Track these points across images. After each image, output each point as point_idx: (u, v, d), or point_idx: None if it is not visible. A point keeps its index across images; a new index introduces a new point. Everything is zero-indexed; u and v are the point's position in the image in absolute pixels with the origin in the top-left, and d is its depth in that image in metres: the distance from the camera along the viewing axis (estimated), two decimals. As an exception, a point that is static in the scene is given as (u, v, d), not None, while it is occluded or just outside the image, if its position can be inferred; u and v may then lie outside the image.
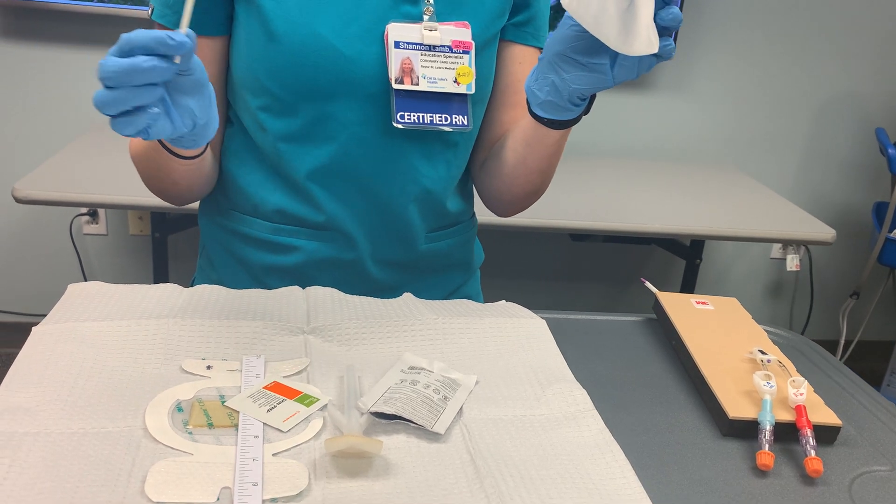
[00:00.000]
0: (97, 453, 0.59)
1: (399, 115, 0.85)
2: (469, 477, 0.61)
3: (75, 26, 2.23)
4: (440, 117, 0.86)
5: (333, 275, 0.95)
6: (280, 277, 0.95)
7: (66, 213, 2.41)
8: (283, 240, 0.94)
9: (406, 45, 0.83)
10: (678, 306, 0.93)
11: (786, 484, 0.67)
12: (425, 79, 0.84)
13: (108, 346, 0.73)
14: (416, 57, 0.84)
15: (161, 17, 0.84)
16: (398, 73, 0.83)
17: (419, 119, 0.85)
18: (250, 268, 0.97)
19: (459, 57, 0.85)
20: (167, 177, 0.87)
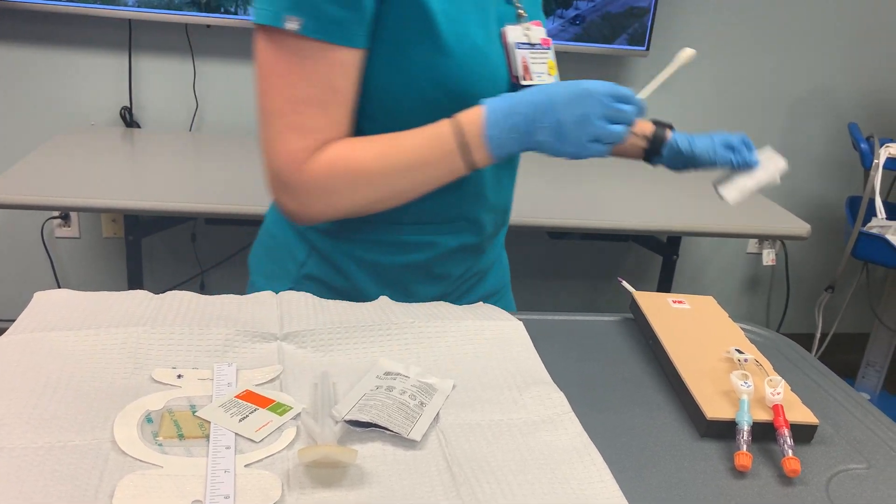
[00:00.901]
0: (63, 468, 0.58)
1: None
2: (445, 484, 0.61)
3: (47, 27, 2.19)
4: None
5: (458, 262, 1.01)
6: (410, 270, 0.98)
7: (37, 216, 2.37)
8: (418, 238, 0.96)
9: (521, 46, 0.92)
10: (655, 306, 0.93)
11: (764, 484, 0.67)
12: (535, 74, 0.92)
13: (76, 357, 0.71)
14: (528, 55, 0.92)
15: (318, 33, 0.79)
16: (522, 70, 0.91)
17: None
18: (379, 267, 0.97)
19: (545, 52, 0.94)
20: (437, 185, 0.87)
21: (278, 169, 0.83)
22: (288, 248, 1.00)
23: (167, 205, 1.73)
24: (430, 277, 1.00)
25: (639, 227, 1.95)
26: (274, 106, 0.81)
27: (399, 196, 0.86)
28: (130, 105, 2.31)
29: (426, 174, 0.84)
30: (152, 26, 2.23)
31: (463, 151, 0.83)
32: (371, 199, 0.85)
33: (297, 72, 0.80)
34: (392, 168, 0.83)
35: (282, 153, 0.82)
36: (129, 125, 2.32)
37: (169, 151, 2.10)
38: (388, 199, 0.86)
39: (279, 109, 0.81)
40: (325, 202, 0.84)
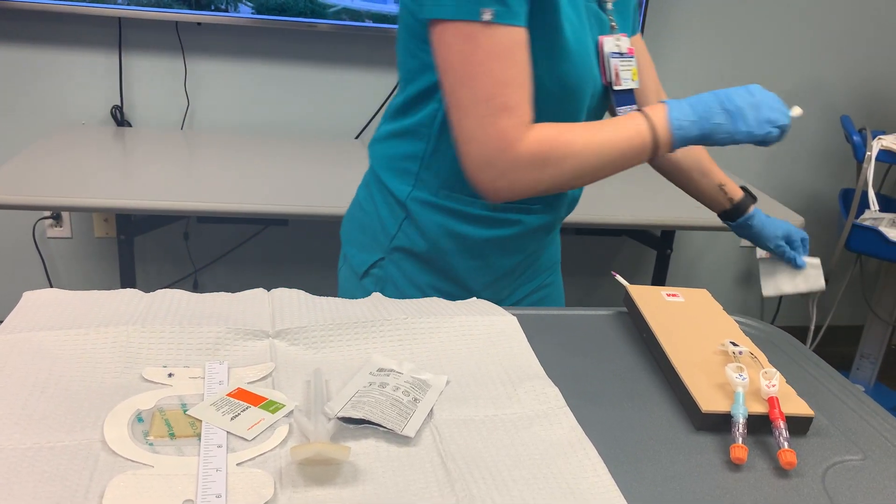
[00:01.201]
0: (53, 469, 0.57)
1: (619, 110, 1.02)
2: (440, 480, 0.60)
3: (36, 26, 2.17)
4: (629, 108, 1.04)
5: (534, 238, 1.10)
6: (496, 245, 1.06)
7: (28, 216, 2.36)
8: (507, 216, 1.04)
9: (614, 55, 1.01)
10: (649, 299, 0.93)
11: (760, 477, 0.66)
12: (623, 80, 1.02)
13: (65, 356, 0.70)
14: (618, 63, 1.01)
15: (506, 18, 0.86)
16: (614, 77, 1.01)
17: (624, 111, 1.02)
18: (468, 240, 1.04)
19: (630, 60, 1.03)
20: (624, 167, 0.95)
21: (489, 151, 0.88)
22: (380, 222, 1.07)
23: (159, 203, 1.72)
24: (507, 251, 1.08)
25: (632, 221, 1.95)
26: (479, 93, 0.86)
27: (593, 175, 0.93)
28: (121, 104, 2.29)
29: (622, 159, 0.92)
30: (142, 24, 2.22)
31: (654, 144, 0.92)
32: (572, 175, 0.91)
33: (497, 57, 0.86)
34: (597, 149, 0.91)
35: (493, 135, 0.87)
36: (120, 124, 2.31)
37: (160, 150, 2.09)
38: (585, 176, 0.93)
39: (486, 95, 0.86)
40: (533, 176, 0.90)
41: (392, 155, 1.05)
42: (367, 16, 2.23)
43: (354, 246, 1.11)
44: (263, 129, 2.40)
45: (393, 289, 1.08)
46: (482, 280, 1.08)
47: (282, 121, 2.40)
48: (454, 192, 1.01)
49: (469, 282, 1.07)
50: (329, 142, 2.35)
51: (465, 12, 0.84)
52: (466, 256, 1.05)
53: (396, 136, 1.04)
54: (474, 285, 1.08)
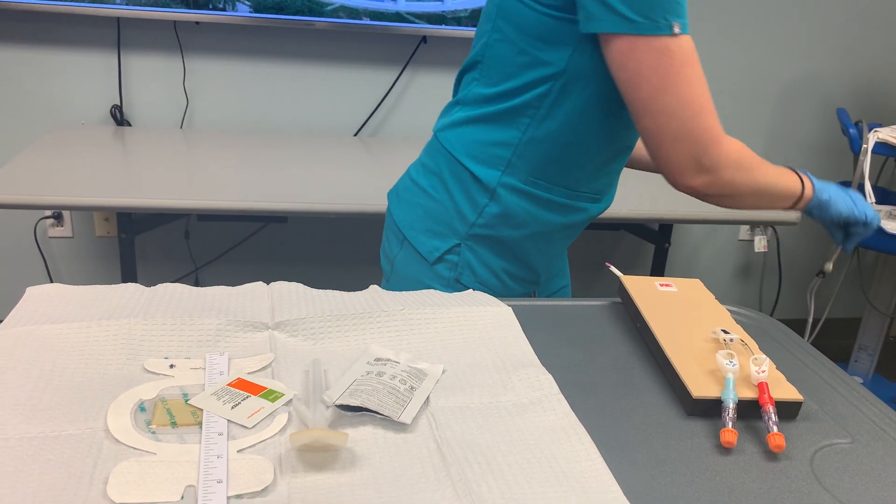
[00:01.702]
0: (57, 457, 0.58)
1: None
2: (436, 465, 0.62)
3: (35, 26, 2.19)
4: None
5: (586, 225, 1.17)
6: (566, 231, 1.14)
7: (30, 216, 2.37)
8: (577, 203, 1.10)
9: None
10: (642, 289, 0.94)
11: (749, 460, 0.68)
12: None
13: (69, 348, 0.72)
14: None
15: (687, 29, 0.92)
16: None
17: None
18: (549, 226, 1.11)
19: None
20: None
21: (698, 147, 0.94)
22: (456, 209, 1.11)
23: (160, 202, 1.73)
24: (565, 238, 1.16)
25: (630, 215, 1.96)
26: (682, 98, 0.92)
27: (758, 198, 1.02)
28: (121, 103, 2.31)
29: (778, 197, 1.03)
30: (141, 24, 2.23)
31: (796, 201, 1.05)
32: (753, 190, 1.00)
33: (689, 64, 0.92)
34: (773, 178, 1.01)
35: (702, 133, 0.94)
36: (119, 123, 2.32)
37: (160, 149, 2.11)
38: (757, 196, 1.01)
39: (688, 98, 0.92)
40: (732, 176, 0.97)
41: (479, 141, 1.07)
42: (365, 13, 2.24)
43: (422, 233, 1.14)
44: (262, 127, 2.42)
45: (469, 274, 1.12)
46: (550, 265, 1.18)
47: (281, 119, 2.42)
48: (540, 180, 1.06)
49: (540, 268, 1.16)
50: (328, 139, 2.36)
51: (658, 28, 0.89)
52: (543, 243, 1.13)
53: (485, 122, 1.06)
54: (543, 271, 1.17)
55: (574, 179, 1.08)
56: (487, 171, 1.08)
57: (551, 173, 1.06)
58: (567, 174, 1.07)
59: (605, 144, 1.06)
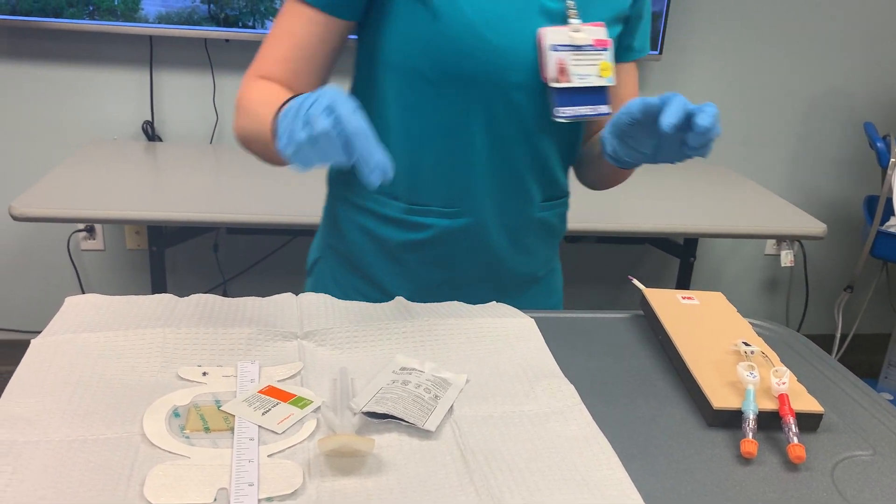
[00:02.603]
0: (97, 459, 0.61)
1: (557, 110, 0.94)
2: (459, 472, 0.63)
3: (70, 45, 2.25)
4: (589, 108, 0.96)
5: (462, 243, 1.03)
6: (414, 250, 1.03)
7: (63, 229, 2.43)
8: (416, 219, 1.01)
9: (559, 48, 0.92)
10: (664, 302, 0.95)
11: (769, 471, 0.68)
12: (576, 76, 0.93)
13: (106, 356, 0.75)
14: (567, 57, 0.93)
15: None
16: (555, 73, 0.93)
17: (575, 112, 0.95)
18: (385, 243, 1.04)
19: (600, 53, 0.94)
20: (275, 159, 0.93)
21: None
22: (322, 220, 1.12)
23: (189, 215, 1.77)
24: (428, 261, 1.04)
25: (655, 229, 1.97)
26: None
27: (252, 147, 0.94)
28: (152, 119, 2.36)
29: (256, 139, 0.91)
30: (172, 42, 2.29)
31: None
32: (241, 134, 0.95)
33: (276, 21, 0.97)
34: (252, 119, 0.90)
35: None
36: (151, 139, 2.38)
37: (190, 164, 2.15)
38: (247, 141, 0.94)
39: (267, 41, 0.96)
40: (235, 120, 0.95)
41: None
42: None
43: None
44: (290, 142, 2.45)
45: (322, 288, 1.10)
46: (405, 287, 1.05)
47: (308, 134, 2.45)
48: (370, 192, 1.02)
49: (391, 287, 1.05)
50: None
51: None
52: (385, 259, 1.04)
53: None
54: (398, 292, 1.03)
55: (401, 189, 0.99)
56: (333, 184, 1.09)
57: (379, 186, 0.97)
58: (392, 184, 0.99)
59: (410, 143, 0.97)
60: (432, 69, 0.93)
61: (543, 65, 0.93)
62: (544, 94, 0.95)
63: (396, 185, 1.00)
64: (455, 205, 1.01)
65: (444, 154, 0.98)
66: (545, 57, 0.92)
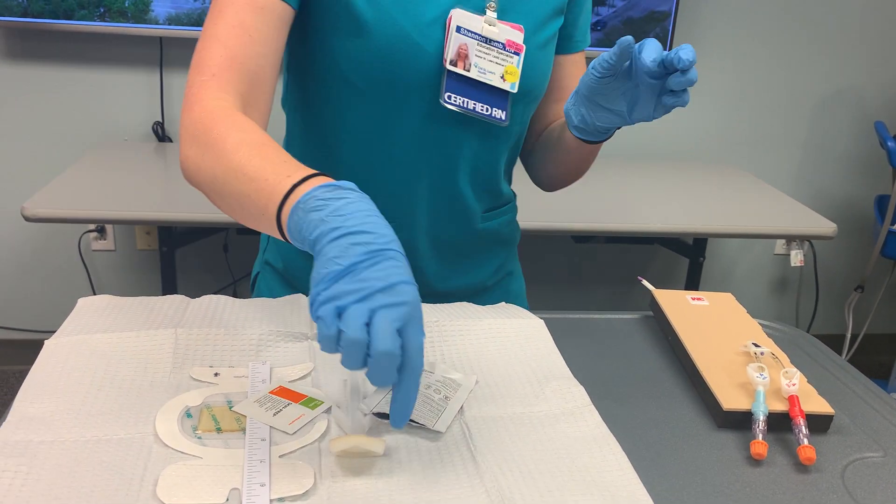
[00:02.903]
0: (110, 459, 0.61)
1: (447, 94, 0.88)
2: (469, 473, 0.63)
3: (79, 45, 2.26)
4: (482, 106, 0.90)
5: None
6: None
7: (74, 229, 2.44)
8: None
9: (466, 32, 0.87)
10: (674, 303, 0.95)
11: (779, 472, 0.68)
12: (476, 67, 0.88)
13: (119, 357, 0.75)
14: (472, 45, 0.88)
15: None
16: (454, 55, 0.87)
17: (463, 103, 0.89)
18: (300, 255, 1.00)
19: (510, 56, 0.89)
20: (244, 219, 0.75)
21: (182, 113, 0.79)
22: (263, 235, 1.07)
23: (200, 216, 1.78)
24: None
25: (664, 229, 1.97)
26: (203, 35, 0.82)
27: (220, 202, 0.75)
28: (162, 120, 2.37)
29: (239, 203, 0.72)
30: (182, 43, 2.30)
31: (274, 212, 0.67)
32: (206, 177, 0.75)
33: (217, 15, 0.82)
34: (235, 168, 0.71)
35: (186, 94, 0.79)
36: (161, 140, 2.39)
37: (200, 164, 2.16)
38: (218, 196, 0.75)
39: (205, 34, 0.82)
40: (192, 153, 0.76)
41: None
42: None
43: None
44: (299, 142, 2.46)
45: None
46: None
47: (317, 134, 2.46)
48: None
49: None
50: (363, 154, 2.40)
51: None
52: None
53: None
54: None
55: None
56: None
57: None
58: None
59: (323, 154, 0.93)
60: (363, 79, 0.87)
61: (445, 46, 0.87)
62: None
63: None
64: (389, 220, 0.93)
65: (375, 166, 0.93)
66: (448, 38, 0.87)
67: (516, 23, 0.91)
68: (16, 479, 0.58)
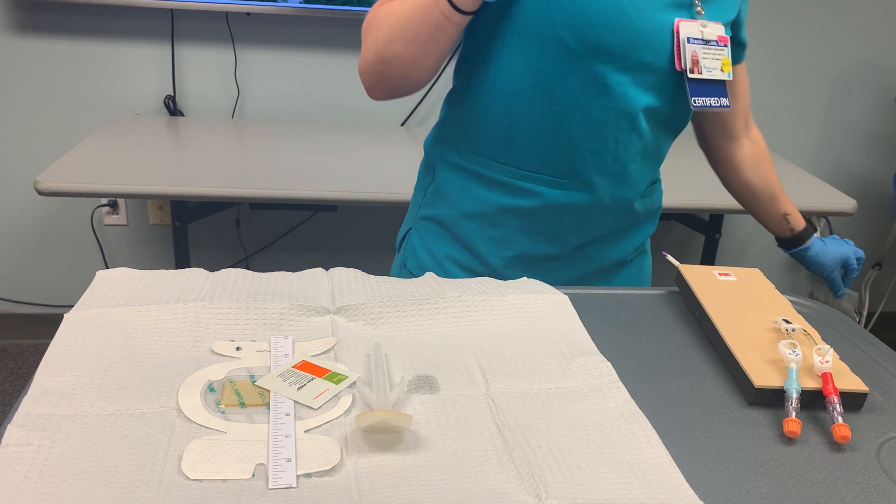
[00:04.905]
0: (133, 434, 0.61)
1: (694, 99, 0.99)
2: (497, 449, 0.62)
3: (92, 19, 2.24)
4: (715, 100, 1.02)
5: (566, 219, 1.05)
6: (515, 216, 1.04)
7: (86, 204, 2.44)
8: (526, 185, 1.02)
9: (693, 41, 0.98)
10: (701, 278, 0.93)
11: (813, 450, 0.67)
12: (706, 69, 1.00)
13: (139, 331, 0.74)
14: (699, 50, 0.99)
15: None
16: (690, 63, 0.98)
17: (705, 102, 1.00)
18: (487, 206, 1.05)
19: (721, 49, 1.01)
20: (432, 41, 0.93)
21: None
22: (415, 192, 1.14)
23: (212, 190, 1.77)
24: (530, 231, 1.05)
25: (680, 205, 1.94)
26: None
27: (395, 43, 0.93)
28: (174, 94, 2.35)
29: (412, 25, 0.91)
30: (194, 15, 2.27)
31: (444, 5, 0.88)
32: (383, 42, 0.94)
33: None
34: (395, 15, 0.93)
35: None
36: (172, 114, 2.37)
37: (212, 138, 2.14)
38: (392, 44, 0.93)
39: None
40: (365, 44, 0.96)
41: (440, 122, 1.09)
42: (413, 3, 2.24)
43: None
44: (312, 116, 2.44)
45: (414, 260, 1.11)
46: (501, 255, 1.06)
47: (329, 108, 2.44)
48: (480, 156, 1.03)
49: (488, 256, 1.06)
50: (376, 129, 2.38)
51: None
52: (486, 225, 1.05)
53: (445, 103, 1.08)
54: (494, 261, 1.06)
55: (515, 155, 1.01)
56: (436, 150, 1.09)
57: (491, 148, 1.02)
58: (506, 149, 1.01)
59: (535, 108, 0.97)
60: (575, 39, 0.93)
61: (679, 55, 0.97)
62: (667, 80, 0.98)
63: (510, 151, 1.01)
64: (567, 176, 1.02)
65: (563, 125, 0.98)
66: (682, 48, 0.96)
67: (715, 20, 1.00)
68: (39, 453, 0.57)
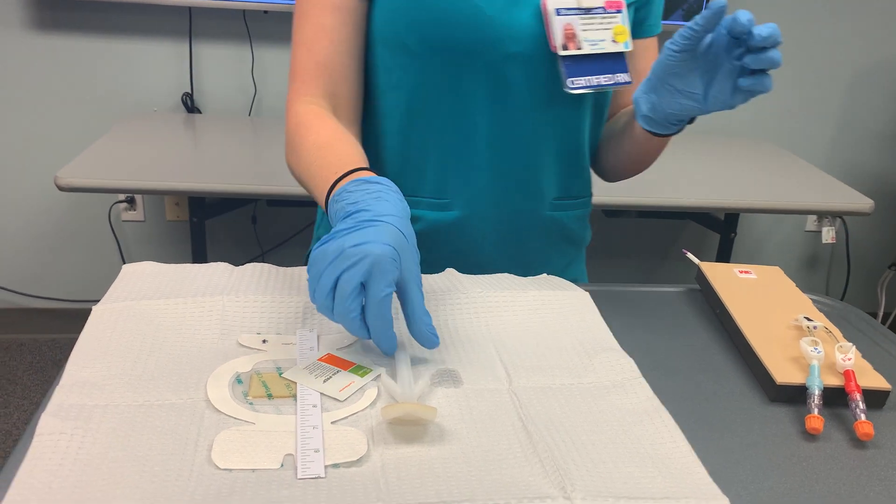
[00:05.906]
0: (164, 424, 0.61)
1: (570, 81, 0.86)
2: (522, 442, 0.63)
3: (110, 16, 2.26)
4: (606, 77, 0.88)
5: (449, 243, 0.97)
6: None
7: (104, 200, 2.46)
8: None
9: (565, 12, 0.84)
10: (722, 276, 0.93)
11: (836, 447, 0.67)
12: (587, 42, 0.85)
13: (167, 323, 0.75)
14: (575, 22, 0.85)
15: None
16: (562, 39, 0.84)
17: (588, 82, 0.87)
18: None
19: (613, 16, 0.86)
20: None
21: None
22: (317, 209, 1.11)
23: (229, 187, 1.78)
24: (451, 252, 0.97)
25: (696, 204, 1.94)
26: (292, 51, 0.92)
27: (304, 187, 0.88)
28: (192, 91, 2.37)
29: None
30: (211, 13, 2.29)
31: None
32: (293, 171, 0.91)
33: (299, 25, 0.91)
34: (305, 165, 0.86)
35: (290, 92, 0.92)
36: (190, 111, 2.38)
37: (229, 135, 2.16)
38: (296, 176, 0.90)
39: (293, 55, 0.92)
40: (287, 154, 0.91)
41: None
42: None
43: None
44: (327, 114, 2.45)
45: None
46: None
47: (345, 106, 2.45)
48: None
49: None
50: (391, 126, 2.38)
51: None
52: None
53: None
54: None
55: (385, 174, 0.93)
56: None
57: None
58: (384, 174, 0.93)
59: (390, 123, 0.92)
60: (418, 43, 0.86)
61: (550, 32, 0.84)
62: (551, 67, 0.86)
63: (386, 172, 0.95)
64: (447, 195, 0.93)
65: (436, 138, 0.91)
66: (550, 23, 0.84)
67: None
68: (72, 442, 0.58)
